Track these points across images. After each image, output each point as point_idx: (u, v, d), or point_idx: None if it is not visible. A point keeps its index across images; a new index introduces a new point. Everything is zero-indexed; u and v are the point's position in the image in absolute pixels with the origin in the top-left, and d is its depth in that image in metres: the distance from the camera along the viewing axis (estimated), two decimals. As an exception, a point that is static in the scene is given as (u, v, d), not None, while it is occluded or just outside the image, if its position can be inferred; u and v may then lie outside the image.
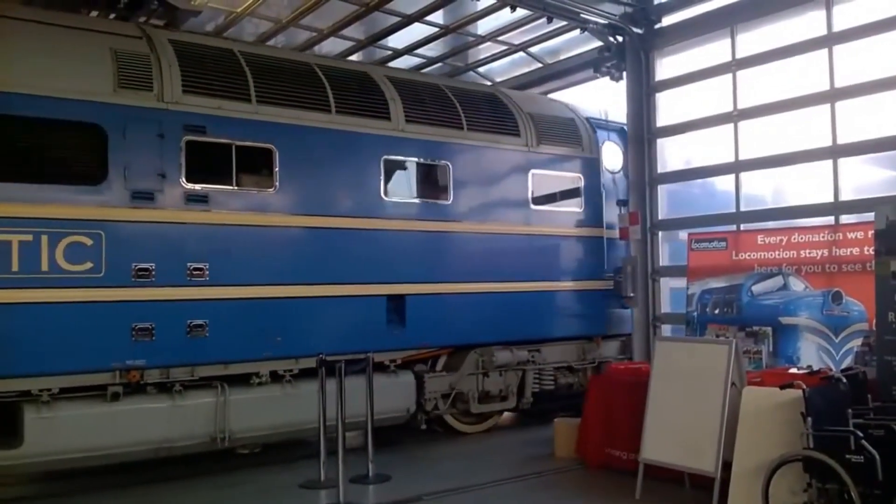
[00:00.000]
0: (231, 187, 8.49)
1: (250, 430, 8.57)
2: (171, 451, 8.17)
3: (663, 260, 11.49)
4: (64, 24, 8.16)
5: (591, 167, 11.61)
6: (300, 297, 8.81)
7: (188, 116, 8.25)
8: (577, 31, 11.98)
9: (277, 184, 8.75)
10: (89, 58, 8.00)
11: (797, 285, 8.82)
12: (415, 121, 9.92)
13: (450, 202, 10.12)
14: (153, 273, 7.92)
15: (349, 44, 13.34)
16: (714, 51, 10.77)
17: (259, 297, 8.53)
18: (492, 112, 10.85)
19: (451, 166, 10.13)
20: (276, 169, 8.75)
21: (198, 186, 8.25)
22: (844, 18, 9.27)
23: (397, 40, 13.35)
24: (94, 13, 10.86)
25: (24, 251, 7.26)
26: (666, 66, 11.52)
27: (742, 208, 10.42)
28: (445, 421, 10.52)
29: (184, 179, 8.16)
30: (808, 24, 9.67)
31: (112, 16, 10.89)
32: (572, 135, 11.51)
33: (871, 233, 7.49)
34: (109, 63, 8.02)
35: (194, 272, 8.16)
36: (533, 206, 10.89)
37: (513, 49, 13.69)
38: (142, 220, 7.92)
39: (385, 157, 9.59)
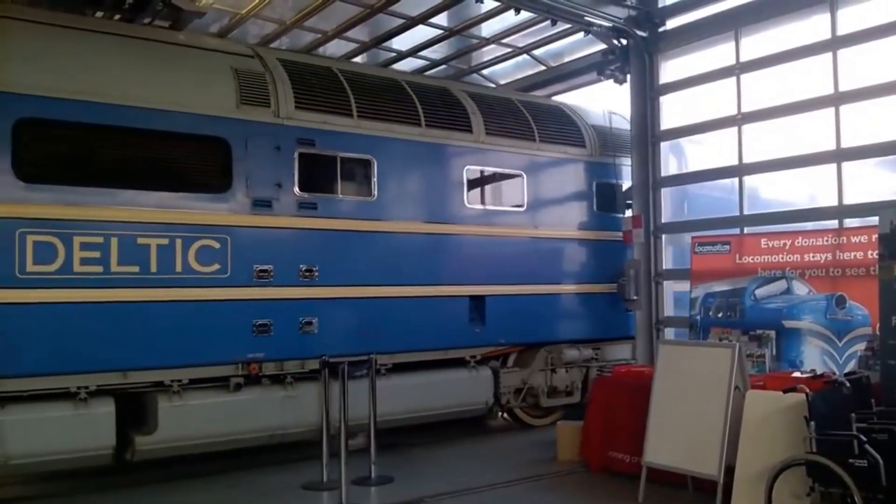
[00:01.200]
0: (337, 195, 9.28)
1: (352, 419, 8.89)
2: (283, 437, 8.87)
3: (666, 263, 11.47)
4: (189, 45, 9.07)
5: None
6: (395, 297, 9.59)
7: (300, 131, 9.03)
8: (582, 34, 11.95)
9: (376, 192, 9.55)
10: (215, 77, 8.78)
11: (801, 289, 8.80)
12: (493, 133, 10.75)
13: (524, 209, 10.97)
14: (271, 274, 8.69)
15: (353, 45, 13.34)
16: (718, 54, 10.76)
17: (360, 297, 9.32)
18: (560, 124, 11.75)
19: (525, 176, 10.99)
20: (375, 178, 9.54)
21: (308, 195, 9.02)
22: (849, 22, 9.25)
23: (401, 42, 13.35)
24: (98, 14, 10.88)
25: (161, 254, 8.01)
26: (670, 70, 11.51)
27: (747, 211, 10.41)
28: (516, 414, 11.24)
29: (297, 188, 8.94)
30: (813, 27, 9.66)
31: (117, 17, 10.91)
32: (625, 144, 12.03)
33: (875, 237, 7.47)
34: (232, 81, 8.79)
35: (305, 273, 8.93)
36: (596, 212, 11.74)
37: (517, 51, 13.67)
38: (261, 225, 8.70)
39: (468, 167, 10.44)
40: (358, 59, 13.63)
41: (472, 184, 10.54)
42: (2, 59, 7.57)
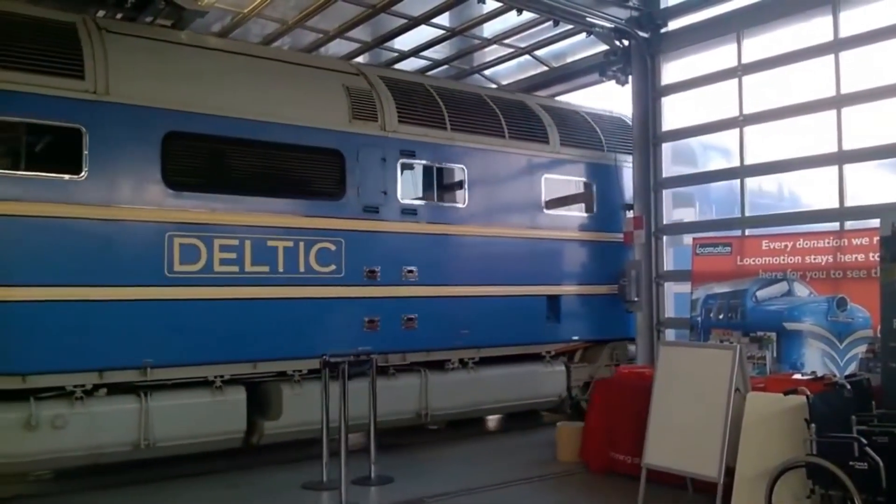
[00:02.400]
0: (433, 202, 10.26)
1: (444, 408, 10.13)
2: (385, 424, 9.36)
3: (667, 264, 11.47)
4: (305, 64, 9.97)
5: None
6: (483, 295, 10.43)
7: (403, 143, 9.89)
8: (584, 35, 11.97)
9: (467, 199, 10.44)
10: (331, 94, 9.60)
11: (802, 291, 8.80)
12: (567, 144, 11.59)
13: (594, 213, 11.83)
14: (379, 274, 9.52)
15: (355, 45, 13.34)
16: (720, 55, 10.76)
17: (453, 296, 10.16)
18: (623, 134, 12.35)
19: (594, 184, 11.85)
20: (466, 186, 10.45)
21: (409, 201, 9.92)
22: (851, 24, 9.25)
23: (403, 42, 13.35)
24: (101, 13, 10.89)
25: (287, 255, 8.80)
26: (671, 71, 11.51)
27: (748, 213, 10.41)
28: (581, 407, 11.37)
29: (399, 195, 9.78)
30: (815, 29, 9.65)
31: (119, 16, 10.91)
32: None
33: (876, 239, 7.47)
34: (345, 98, 9.62)
35: (407, 274, 9.77)
36: None
37: (519, 52, 13.68)
38: (370, 229, 9.52)
39: (545, 175, 11.26)
40: (360, 59, 13.63)
41: (549, 191, 11.34)
42: (153, 77, 8.30)
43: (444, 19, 12.35)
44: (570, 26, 11.77)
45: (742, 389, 7.16)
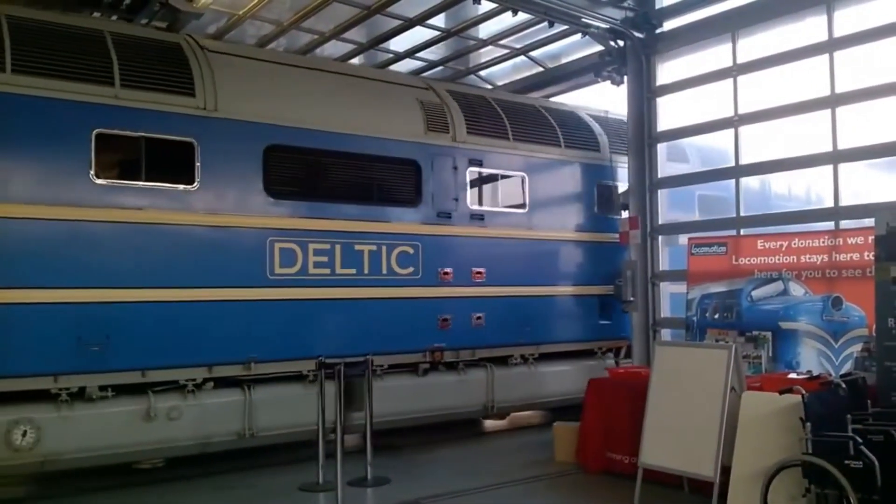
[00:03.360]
0: (498, 208, 10.98)
1: (507, 401, 10.77)
2: (454, 416, 10.43)
3: (663, 264, 11.49)
4: (382, 80, 10.75)
5: None
6: (544, 295, 11.17)
7: (471, 153, 10.60)
8: (579, 36, 11.97)
9: (528, 204, 11.11)
10: (408, 108, 10.30)
11: (797, 290, 8.81)
12: (616, 151, 12.18)
13: None
14: (451, 275, 10.21)
15: (350, 46, 13.35)
16: (715, 56, 10.77)
17: (516, 296, 10.85)
18: None
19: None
20: (527, 193, 11.12)
21: (477, 207, 10.64)
22: (845, 24, 9.27)
23: (399, 43, 13.36)
24: (96, 14, 10.88)
25: (371, 258, 9.49)
26: (667, 71, 11.52)
27: (743, 213, 10.42)
28: None
29: (468, 202, 10.50)
30: (809, 29, 9.67)
31: (114, 17, 10.91)
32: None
33: (871, 238, 7.48)
34: (420, 112, 10.32)
35: (476, 275, 10.44)
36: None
37: (514, 53, 13.69)
38: (443, 234, 10.23)
39: (598, 182, 11.94)
40: (355, 61, 13.64)
41: (601, 196, 11.99)
42: (254, 94, 8.98)
43: (439, 20, 12.37)
44: (566, 27, 11.78)
45: (738, 389, 7.17)
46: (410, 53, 13.64)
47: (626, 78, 11.63)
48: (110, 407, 7.86)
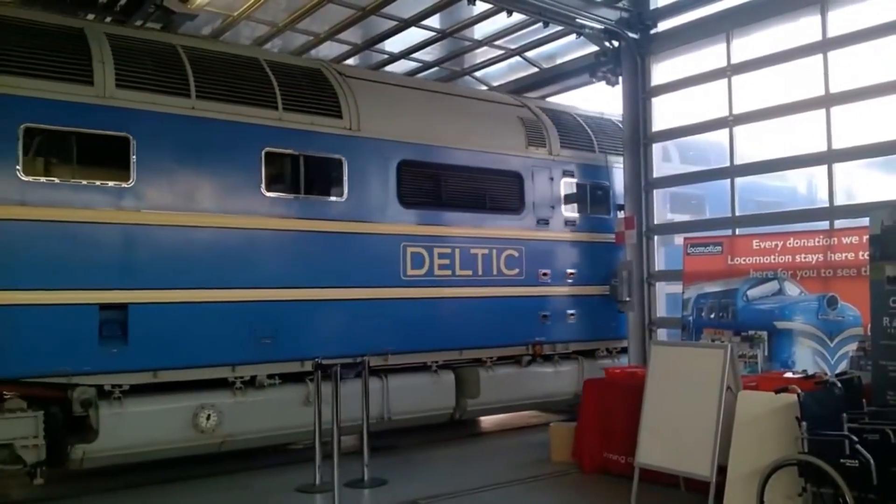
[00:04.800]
0: (587, 214, 11.78)
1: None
2: (550, 404, 11.63)
3: (659, 264, 11.51)
4: (487, 100, 11.90)
5: None
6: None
7: (565, 164, 11.62)
8: (574, 36, 12.00)
9: (611, 211, 12.01)
10: (512, 125, 11.30)
11: (792, 290, 8.83)
12: (686, 161, 12.86)
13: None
14: (549, 276, 11.20)
15: (346, 48, 13.35)
16: (710, 56, 10.79)
17: (602, 294, 11.74)
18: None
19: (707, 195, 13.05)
20: (611, 200, 12.02)
21: (570, 214, 11.56)
22: (839, 24, 9.29)
23: (394, 44, 13.36)
24: (90, 16, 10.87)
25: (484, 261, 10.49)
26: (661, 71, 11.54)
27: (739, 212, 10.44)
28: None
29: (563, 209, 11.49)
30: (803, 29, 9.69)
31: (108, 19, 10.90)
32: None
33: (865, 237, 7.50)
34: (521, 128, 11.34)
35: (568, 276, 11.44)
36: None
37: (509, 53, 13.70)
38: (542, 238, 11.23)
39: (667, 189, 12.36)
40: (350, 62, 13.63)
41: (672, 201, 12.59)
42: (389, 115, 9.99)
43: (434, 21, 12.38)
44: (561, 28, 11.80)
45: (733, 388, 7.17)
46: (406, 54, 13.65)
47: (620, 78, 11.65)
48: (276, 393, 8.79)
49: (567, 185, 11.60)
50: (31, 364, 7.44)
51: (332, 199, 9.38)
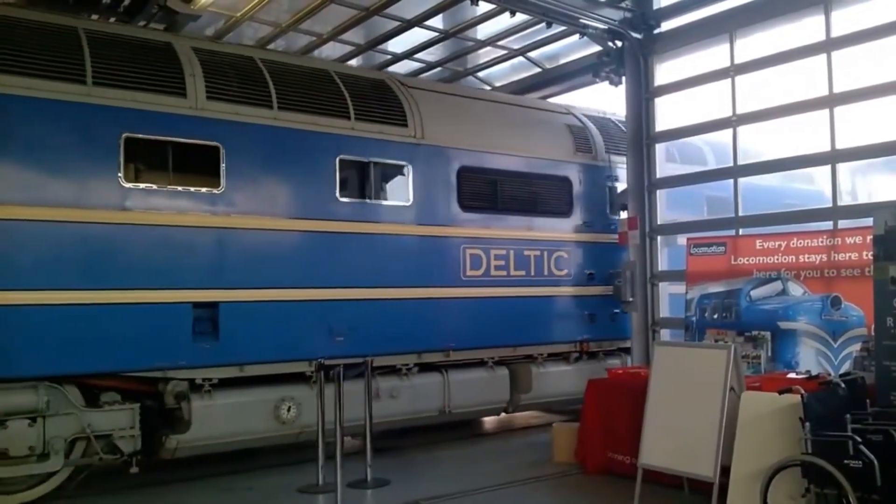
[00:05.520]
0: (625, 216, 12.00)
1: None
2: None
3: (662, 265, 11.49)
4: (534, 107, 12.14)
5: None
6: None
7: (609, 170, 12.06)
8: (577, 36, 11.98)
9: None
10: (561, 132, 11.76)
11: (796, 290, 8.82)
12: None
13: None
14: (594, 276, 11.62)
15: (349, 48, 13.35)
16: (713, 56, 10.77)
17: None
18: None
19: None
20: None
21: (613, 217, 11.95)
22: (843, 24, 9.27)
23: (397, 45, 13.37)
24: (93, 17, 10.88)
25: (536, 262, 10.95)
26: (665, 71, 11.53)
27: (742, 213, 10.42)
28: None
29: (608, 212, 11.90)
30: (807, 29, 9.67)
31: (112, 20, 10.91)
32: None
33: (869, 238, 7.48)
34: (569, 135, 11.79)
35: (611, 275, 11.71)
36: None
37: (512, 54, 13.70)
38: (588, 240, 11.65)
39: (706, 194, 12.60)
40: (353, 62, 13.64)
41: (711, 203, 12.75)
42: (450, 123, 10.48)
43: (437, 21, 12.38)
44: (564, 28, 11.80)
45: (737, 389, 7.16)
46: (409, 55, 13.65)
47: (624, 78, 11.64)
48: (348, 387, 8.71)
49: (611, 189, 12.01)
50: (130, 359, 7.90)
51: (399, 203, 9.85)
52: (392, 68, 13.95)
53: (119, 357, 7.81)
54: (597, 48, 11.97)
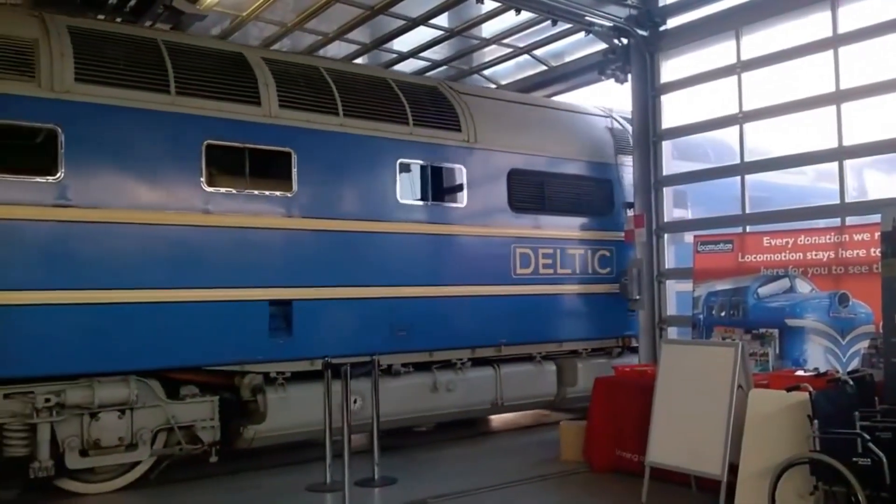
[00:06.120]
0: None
1: None
2: None
3: (669, 262, 11.47)
4: (578, 111, 12.37)
5: None
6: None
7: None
8: (582, 34, 11.97)
9: (690, 212, 12.74)
10: (603, 135, 12.17)
11: (803, 287, 8.79)
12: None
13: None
14: None
15: (354, 47, 13.35)
16: (719, 53, 10.75)
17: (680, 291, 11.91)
18: None
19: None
20: (689, 203, 12.78)
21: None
22: (850, 20, 9.24)
23: (402, 43, 13.36)
24: (99, 17, 10.91)
25: (581, 260, 11.39)
26: (671, 69, 11.50)
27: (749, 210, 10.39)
28: None
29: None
30: (814, 25, 9.65)
31: (118, 20, 10.94)
32: None
33: (877, 234, 7.46)
34: (611, 139, 12.21)
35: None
36: None
37: (517, 52, 13.67)
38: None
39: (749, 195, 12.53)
40: (359, 61, 13.64)
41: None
42: (500, 128, 10.92)
43: (442, 20, 12.36)
44: (569, 25, 11.76)
45: (744, 386, 7.15)
46: (414, 53, 13.64)
47: (629, 76, 11.61)
48: (409, 380, 9.74)
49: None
50: (214, 353, 8.39)
51: (454, 205, 10.30)
52: (397, 67, 13.94)
53: (204, 352, 8.32)
54: (602, 46, 11.94)
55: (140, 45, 8.48)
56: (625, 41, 11.50)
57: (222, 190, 8.52)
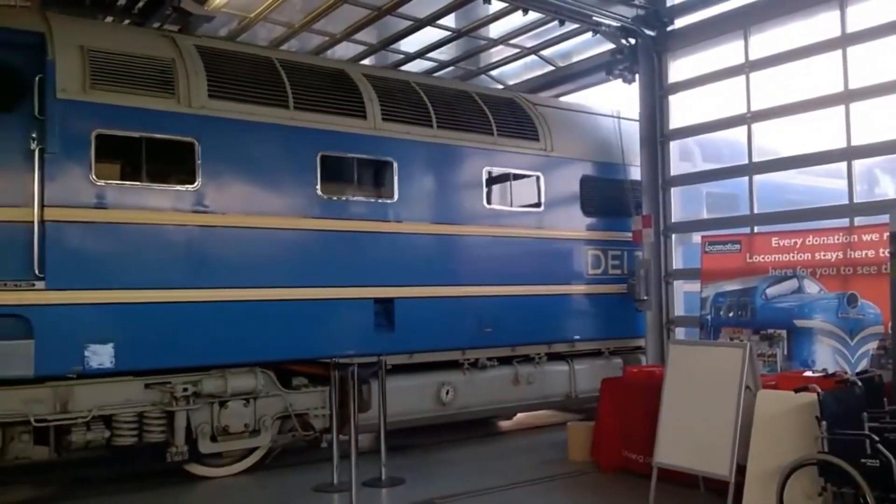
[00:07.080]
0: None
1: None
2: None
3: (677, 263, 11.45)
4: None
5: None
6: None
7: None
8: (590, 34, 11.94)
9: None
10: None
11: (812, 288, 8.77)
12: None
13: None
14: None
15: (361, 48, 13.37)
16: (727, 52, 10.72)
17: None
18: None
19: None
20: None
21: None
22: (858, 19, 9.20)
23: (409, 44, 13.37)
24: (108, 18, 10.96)
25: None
26: (679, 69, 11.48)
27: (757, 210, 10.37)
28: None
29: (704, 214, 12.40)
30: (822, 25, 9.61)
31: (126, 21, 10.99)
32: None
33: (886, 235, 7.43)
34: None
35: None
36: None
37: (525, 52, 13.68)
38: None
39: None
40: (366, 62, 13.65)
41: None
42: (572, 137, 11.55)
43: (450, 20, 12.37)
44: (577, 25, 11.77)
45: (752, 387, 7.13)
46: (421, 54, 13.65)
47: (637, 76, 11.60)
48: (494, 373, 10.43)
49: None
50: (330, 347, 8.98)
51: (534, 209, 10.95)
52: (405, 67, 13.96)
53: (322, 345, 8.94)
54: (610, 46, 11.92)
55: (259, 63, 9.15)
56: (632, 41, 11.48)
57: (334, 197, 9.17)
